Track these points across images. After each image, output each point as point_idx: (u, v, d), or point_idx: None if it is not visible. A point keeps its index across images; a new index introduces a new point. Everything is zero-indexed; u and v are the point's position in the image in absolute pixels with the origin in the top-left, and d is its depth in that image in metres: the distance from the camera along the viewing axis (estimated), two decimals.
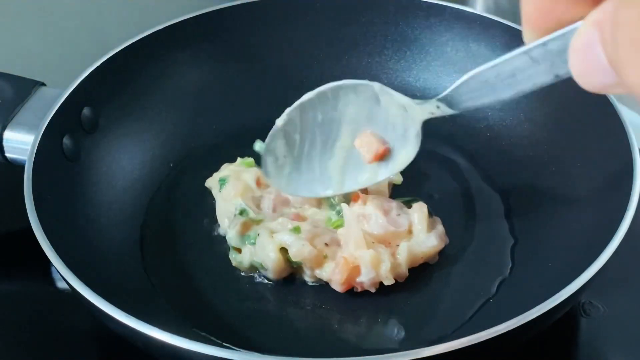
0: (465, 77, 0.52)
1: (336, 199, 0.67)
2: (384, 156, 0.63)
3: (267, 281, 0.65)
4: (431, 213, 0.68)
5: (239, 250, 0.66)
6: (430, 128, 0.78)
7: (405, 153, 0.62)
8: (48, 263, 0.56)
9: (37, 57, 0.93)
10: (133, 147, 0.75)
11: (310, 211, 0.68)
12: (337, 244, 0.64)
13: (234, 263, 0.66)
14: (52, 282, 0.70)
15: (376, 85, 0.61)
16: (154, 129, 0.77)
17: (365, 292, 0.63)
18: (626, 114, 0.66)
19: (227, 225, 0.67)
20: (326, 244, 0.63)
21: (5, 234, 0.77)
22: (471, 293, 0.64)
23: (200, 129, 0.79)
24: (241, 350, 0.58)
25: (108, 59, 0.74)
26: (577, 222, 0.64)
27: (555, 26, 0.40)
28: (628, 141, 0.63)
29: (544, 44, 0.43)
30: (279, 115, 0.78)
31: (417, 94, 0.81)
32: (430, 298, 0.64)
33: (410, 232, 0.65)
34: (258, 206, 0.68)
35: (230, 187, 0.69)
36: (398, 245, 0.64)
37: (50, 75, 0.75)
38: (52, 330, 0.66)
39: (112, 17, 0.95)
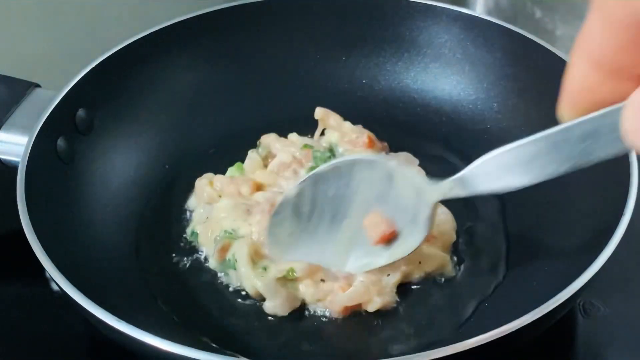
0: (482, 158, 0.50)
1: None
2: (390, 240, 0.59)
3: None
4: None
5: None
6: (428, 131, 0.79)
7: (412, 239, 0.58)
8: (41, 266, 0.56)
9: (31, 59, 0.92)
10: (128, 149, 0.74)
11: None
12: (335, 277, 0.62)
13: (224, 283, 0.65)
14: (46, 284, 0.69)
15: (393, 163, 0.58)
16: (149, 130, 0.76)
17: None
18: None
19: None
20: (322, 280, 0.62)
21: None
22: (467, 296, 0.63)
23: (196, 131, 0.78)
24: (239, 356, 0.58)
25: (103, 61, 0.73)
26: (574, 224, 0.64)
27: (595, 107, 0.38)
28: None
29: (567, 129, 0.41)
30: (275, 118, 0.79)
31: (415, 96, 0.81)
32: (426, 301, 0.63)
33: None
34: (249, 212, 0.66)
35: (208, 232, 0.67)
36: None
37: (44, 77, 0.75)
38: (46, 333, 0.65)
39: (108, 18, 0.95)
